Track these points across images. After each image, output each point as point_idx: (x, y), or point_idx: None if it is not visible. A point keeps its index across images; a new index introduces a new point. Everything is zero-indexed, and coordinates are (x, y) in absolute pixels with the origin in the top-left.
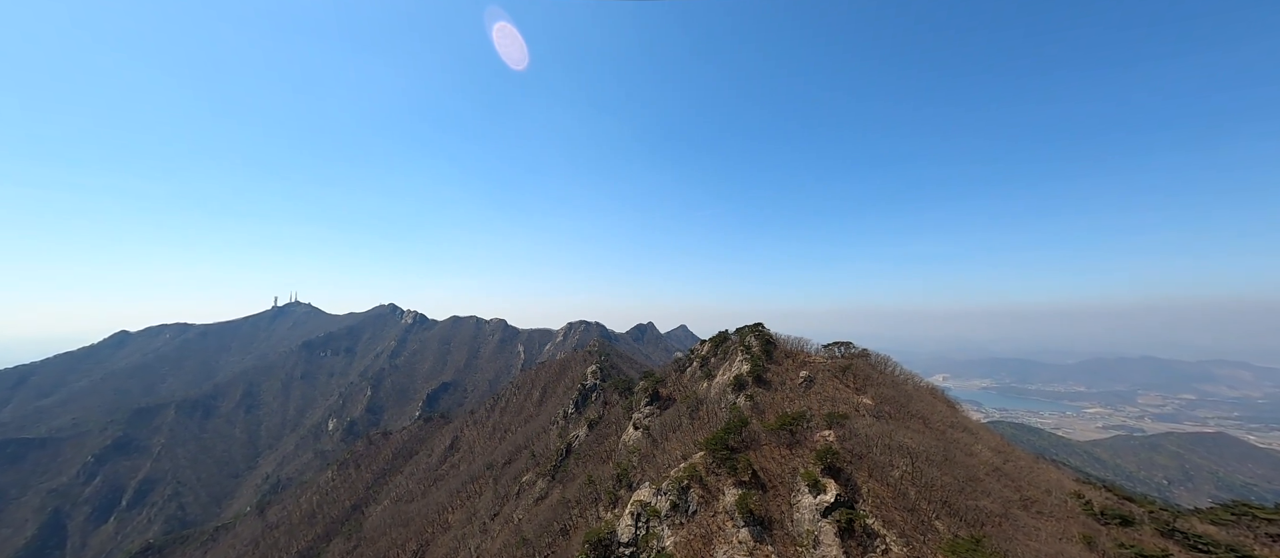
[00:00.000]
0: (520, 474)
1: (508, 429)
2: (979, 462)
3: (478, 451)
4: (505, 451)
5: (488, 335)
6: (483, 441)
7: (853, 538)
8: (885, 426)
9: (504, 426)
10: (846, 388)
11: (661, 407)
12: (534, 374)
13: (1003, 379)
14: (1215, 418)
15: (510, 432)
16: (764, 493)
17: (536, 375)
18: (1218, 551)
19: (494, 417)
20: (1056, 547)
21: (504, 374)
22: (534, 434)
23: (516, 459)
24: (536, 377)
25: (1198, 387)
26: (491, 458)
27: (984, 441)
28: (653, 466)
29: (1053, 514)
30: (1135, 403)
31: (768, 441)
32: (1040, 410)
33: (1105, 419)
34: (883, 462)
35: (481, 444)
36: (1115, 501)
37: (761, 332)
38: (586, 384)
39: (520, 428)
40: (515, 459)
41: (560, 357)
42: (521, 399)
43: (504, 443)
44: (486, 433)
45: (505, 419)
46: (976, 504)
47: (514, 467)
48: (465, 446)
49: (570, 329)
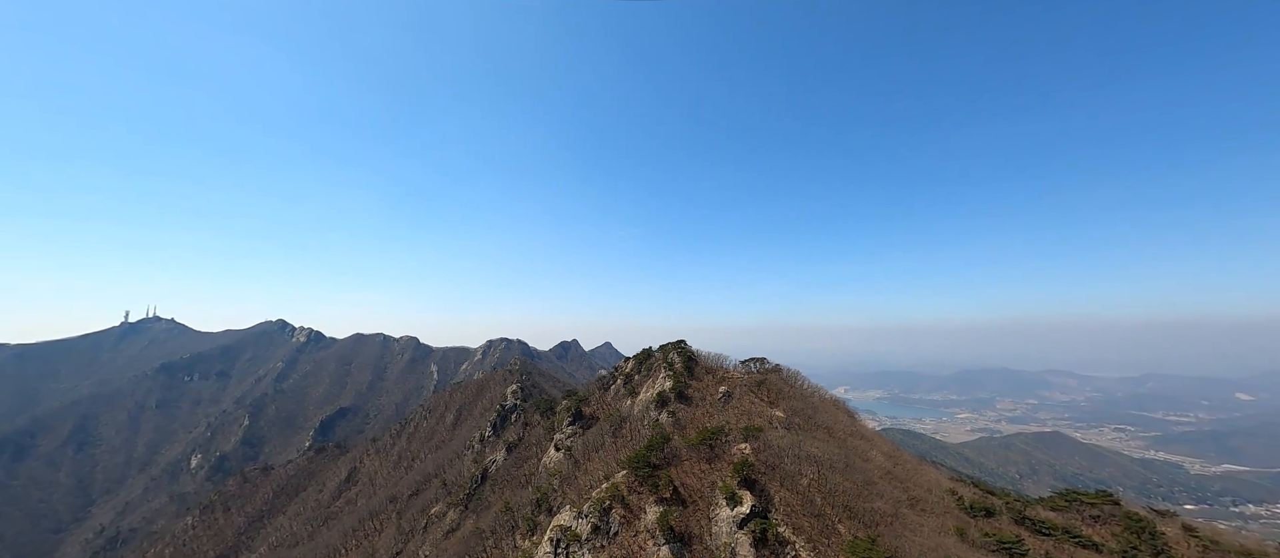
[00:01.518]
0: (429, 506)
1: (416, 457)
2: (874, 467)
3: (380, 482)
4: (412, 481)
5: (396, 355)
6: (386, 471)
7: (766, 547)
8: (795, 436)
9: (412, 453)
10: (761, 402)
11: (585, 426)
12: (448, 396)
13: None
14: (1052, 419)
15: (419, 460)
16: (685, 509)
17: (451, 397)
18: (1056, 533)
19: (400, 444)
20: (936, 540)
21: (414, 397)
22: (446, 461)
23: (425, 490)
24: (451, 398)
25: (1039, 393)
26: (396, 490)
27: (878, 447)
28: (574, 487)
29: (933, 511)
30: (994, 408)
31: (688, 456)
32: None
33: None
34: (793, 471)
35: (385, 475)
36: (980, 495)
37: (684, 349)
38: (506, 405)
39: (430, 455)
40: (424, 490)
41: (478, 377)
42: (433, 423)
43: (411, 473)
44: (391, 462)
45: (413, 446)
46: (872, 506)
47: (422, 498)
48: (365, 477)
49: (490, 347)
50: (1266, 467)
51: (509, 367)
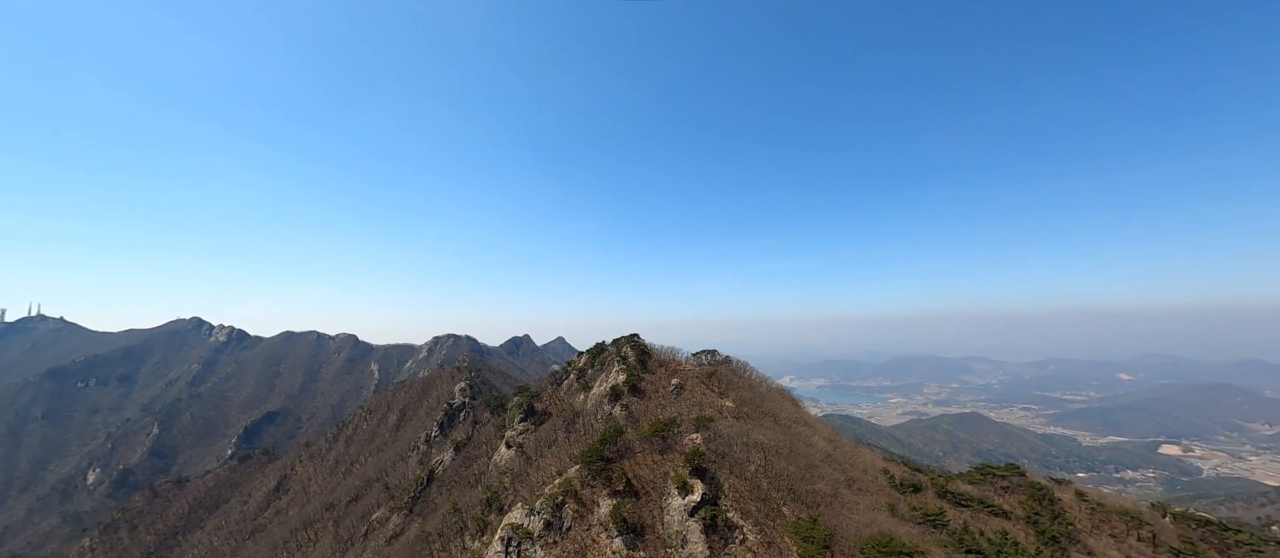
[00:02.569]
0: (369, 512)
1: (355, 461)
2: (816, 451)
3: (314, 490)
4: (351, 486)
5: (332, 354)
6: (321, 477)
7: (716, 533)
8: (744, 425)
9: (350, 457)
10: (712, 392)
11: (537, 422)
12: (391, 396)
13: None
14: (970, 401)
15: (358, 464)
16: (638, 500)
17: (394, 397)
18: (973, 504)
19: (337, 448)
20: (870, 517)
21: (352, 398)
22: (388, 464)
23: (365, 495)
24: (394, 398)
25: (961, 377)
26: (333, 497)
27: (820, 432)
28: (526, 485)
29: (867, 490)
30: (922, 392)
31: (642, 448)
32: (859, 403)
33: (903, 407)
34: (741, 458)
35: (320, 482)
36: (909, 473)
37: (637, 342)
38: (454, 403)
39: (371, 458)
40: (364, 495)
41: (424, 375)
42: (374, 425)
43: (350, 478)
44: (326, 468)
45: (352, 450)
46: (814, 488)
47: (362, 504)
48: (297, 485)
49: (436, 344)
50: (1142, 437)
51: (457, 364)
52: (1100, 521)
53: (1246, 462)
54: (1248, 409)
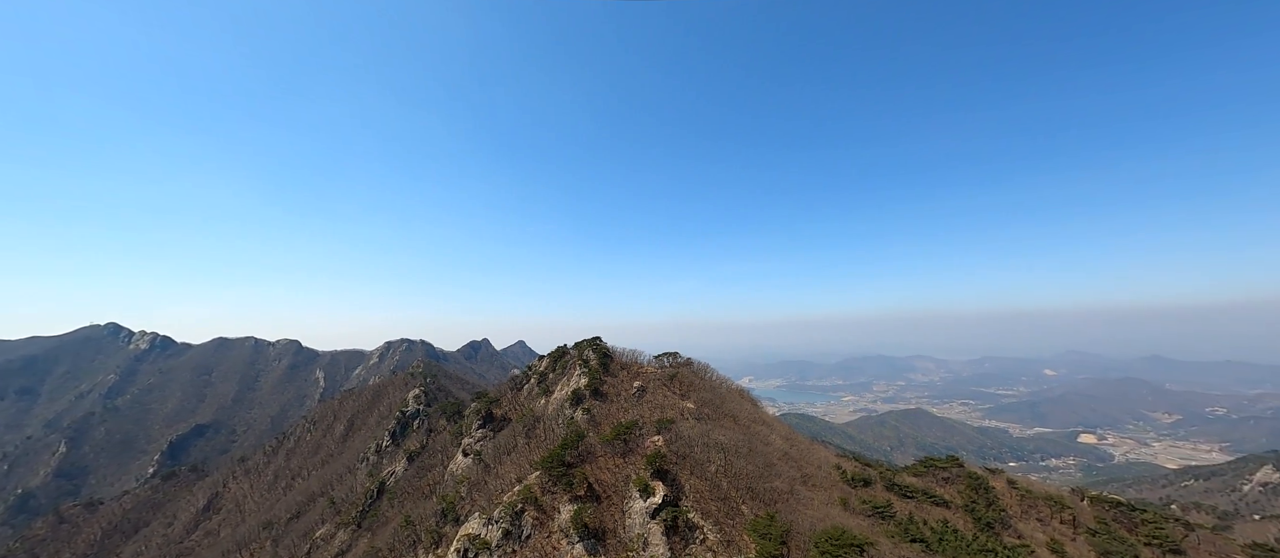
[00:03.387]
0: (313, 528)
1: (297, 475)
2: (773, 449)
3: (250, 508)
4: (293, 502)
5: (272, 361)
6: (259, 494)
7: (677, 534)
8: (704, 426)
9: (292, 471)
10: (673, 394)
11: (496, 428)
12: (337, 404)
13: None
14: (915, 398)
15: (301, 478)
16: (599, 505)
17: (341, 406)
18: (918, 495)
19: (277, 462)
20: (824, 511)
21: (294, 408)
22: (335, 477)
23: (309, 511)
24: (341, 407)
25: (907, 375)
26: (272, 514)
27: (777, 431)
28: (484, 494)
29: (822, 485)
30: (872, 390)
31: (603, 452)
32: (814, 401)
33: (855, 404)
34: (702, 459)
35: (257, 499)
36: (860, 468)
37: (599, 345)
38: (407, 411)
39: (316, 472)
40: (307, 511)
41: (374, 381)
42: (319, 436)
43: (291, 493)
44: (265, 484)
45: (294, 463)
46: (771, 486)
47: (305, 521)
48: (231, 503)
49: (388, 349)
50: (1064, 428)
51: (411, 370)
52: (1028, 506)
53: (1151, 448)
54: (1152, 400)
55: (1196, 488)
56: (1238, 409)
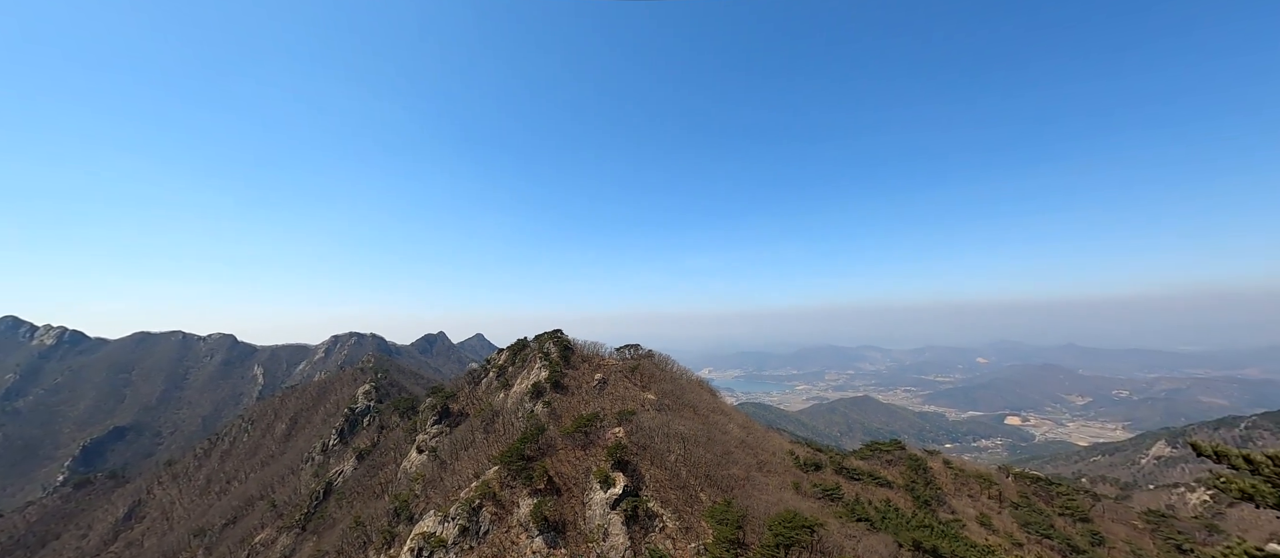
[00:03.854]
0: (252, 534)
1: (233, 479)
2: (731, 438)
3: (179, 515)
4: (228, 507)
5: (202, 357)
6: (189, 500)
7: (637, 523)
8: (665, 417)
9: (227, 474)
10: (635, 386)
11: (453, 424)
12: (278, 402)
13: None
14: (863, 385)
15: (238, 481)
16: (560, 497)
17: (282, 404)
18: (864, 477)
19: (209, 465)
20: (778, 495)
21: (229, 407)
22: (276, 479)
23: (247, 516)
24: (282, 405)
25: (856, 364)
26: (204, 521)
27: (735, 420)
28: (440, 490)
29: (776, 471)
30: (824, 379)
31: (564, 445)
32: (770, 391)
33: (807, 393)
34: (662, 449)
35: (187, 505)
36: (811, 453)
37: (560, 338)
38: (357, 407)
39: (254, 474)
40: (245, 516)
41: (320, 378)
42: (258, 436)
43: (226, 498)
44: (196, 488)
45: (229, 466)
46: (728, 473)
47: (242, 526)
48: (156, 510)
49: (335, 344)
50: (992, 411)
51: (361, 364)
52: (961, 484)
53: (1066, 427)
54: (1067, 385)
55: (1103, 463)
56: (1138, 392)
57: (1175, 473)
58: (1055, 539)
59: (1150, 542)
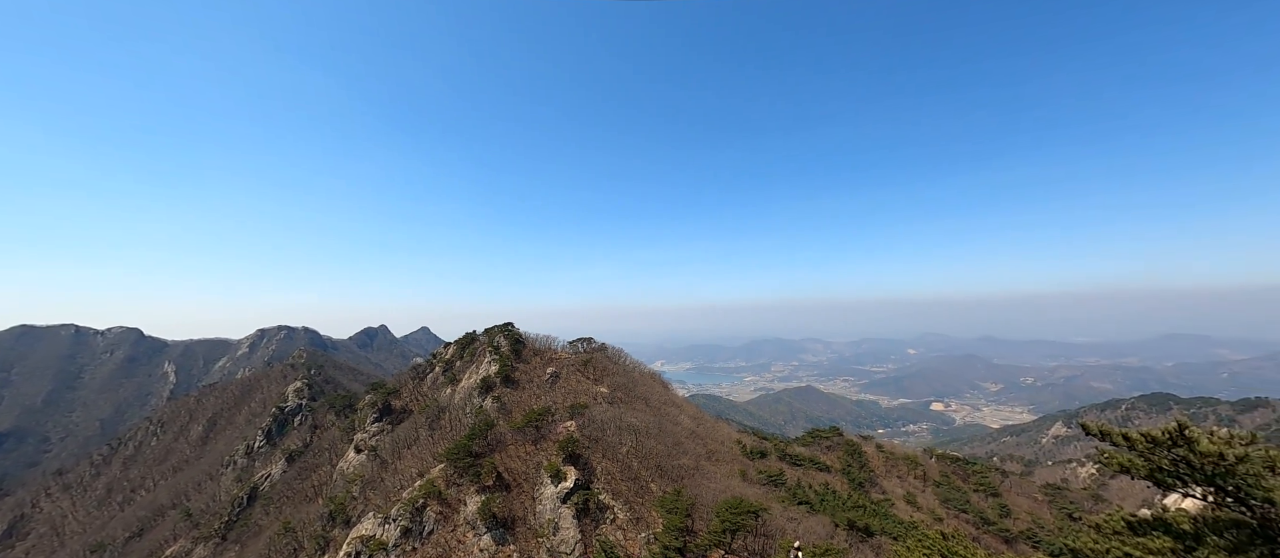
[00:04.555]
0: (161, 547)
1: (139, 487)
2: (682, 429)
3: (71, 529)
4: (133, 518)
5: (100, 353)
6: (85, 512)
7: (588, 516)
8: (617, 409)
9: (131, 483)
10: (587, 379)
11: (395, 421)
12: (194, 402)
13: (699, 361)
14: (806, 376)
15: (144, 489)
16: (509, 493)
17: (199, 404)
18: (805, 463)
19: (109, 472)
20: (725, 483)
21: (134, 408)
22: (191, 486)
23: (155, 527)
24: (199, 405)
25: (800, 356)
26: (104, 534)
27: (686, 411)
28: (380, 492)
29: (724, 460)
30: (770, 370)
31: (514, 440)
32: (720, 382)
33: (755, 384)
34: (614, 442)
35: (82, 518)
36: (757, 442)
37: (511, 331)
38: (286, 406)
39: (165, 481)
40: (153, 527)
41: (244, 375)
42: (169, 440)
43: (131, 508)
44: (93, 499)
45: (134, 473)
46: (679, 463)
47: (150, 539)
48: (44, 525)
49: (262, 338)
50: (920, 398)
51: (292, 360)
52: (891, 466)
53: (981, 412)
54: (984, 373)
55: (1011, 443)
56: (1041, 379)
57: (1070, 450)
58: (970, 513)
59: (1048, 512)
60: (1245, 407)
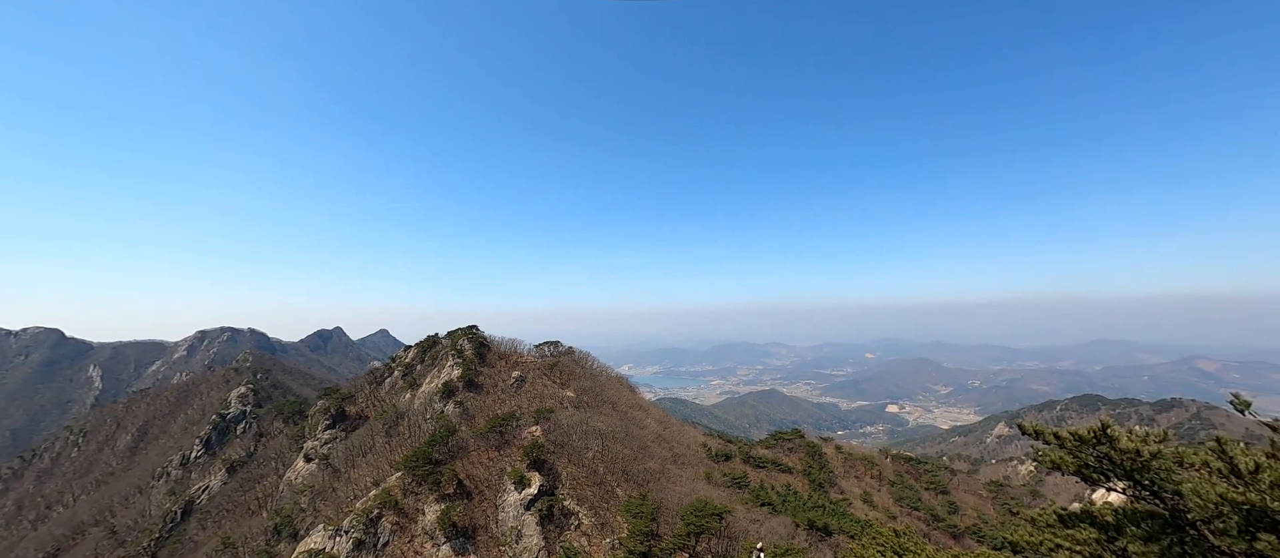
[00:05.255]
0: None
1: (55, 503)
2: (648, 433)
3: None
4: (48, 537)
5: (13, 355)
6: None
7: (553, 522)
8: (583, 414)
9: (47, 498)
10: (554, 384)
11: (349, 428)
12: (122, 410)
13: (666, 364)
14: (770, 380)
15: (62, 505)
16: (471, 501)
17: (128, 411)
18: (768, 465)
19: (20, 488)
20: (691, 486)
21: (53, 416)
22: (117, 500)
23: (74, 546)
24: (128, 413)
25: (764, 360)
26: (13, 556)
27: (652, 415)
28: (332, 502)
29: (690, 463)
30: (736, 374)
31: (477, 446)
32: (686, 386)
33: (721, 387)
34: (579, 446)
35: None
36: (722, 445)
37: (476, 334)
38: (228, 413)
39: (86, 496)
40: (70, 547)
41: (180, 380)
42: (93, 450)
43: (46, 525)
44: (1, 518)
45: (51, 488)
46: (645, 467)
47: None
48: None
49: (203, 340)
50: (876, 400)
51: (235, 364)
52: (849, 466)
53: (933, 413)
54: (936, 376)
55: (959, 442)
56: (987, 381)
57: (1012, 449)
58: (922, 510)
59: (992, 508)
60: (1162, 407)
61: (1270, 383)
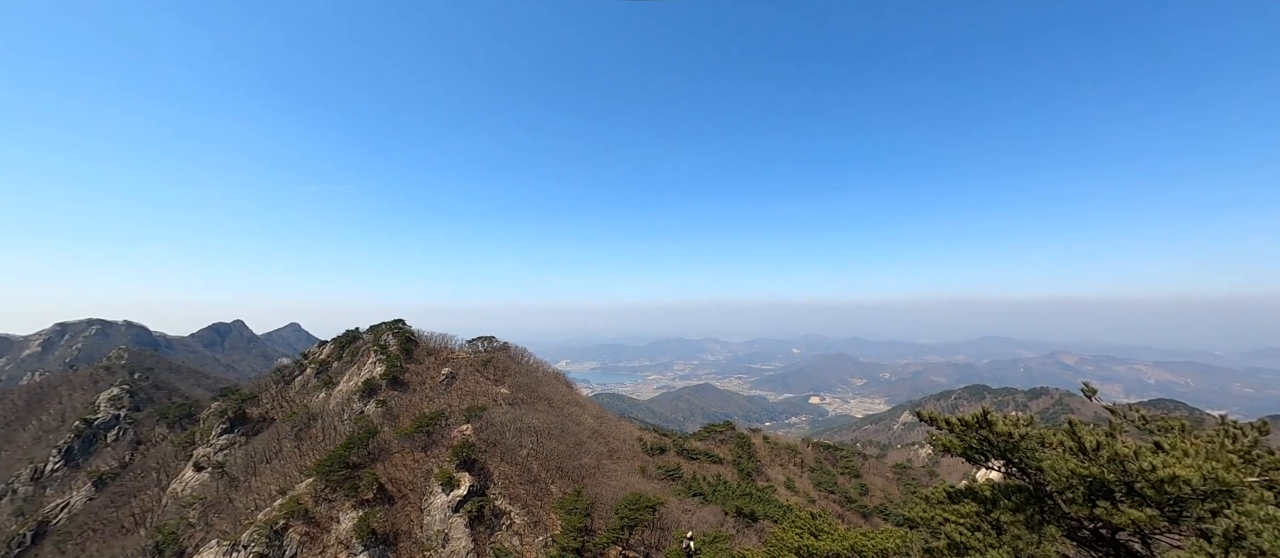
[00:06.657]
0: None
1: None
2: (584, 428)
3: None
4: None
5: None
6: None
7: (482, 524)
8: (518, 411)
9: None
10: (487, 380)
11: (250, 432)
12: None
13: (604, 360)
14: (705, 375)
15: None
16: (392, 506)
17: None
18: (700, 456)
19: None
20: (626, 480)
21: None
22: None
23: None
24: None
25: (700, 355)
26: None
27: (589, 411)
28: (228, 515)
29: (625, 457)
30: (672, 369)
31: (401, 447)
32: (624, 381)
33: (657, 383)
34: (513, 444)
35: None
36: (657, 438)
37: (402, 329)
38: (96, 418)
39: None
40: None
41: (32, 380)
42: None
43: None
44: None
45: None
46: (580, 463)
47: None
48: None
49: (62, 334)
50: (801, 393)
51: (106, 362)
52: (775, 455)
53: (849, 404)
54: (852, 369)
55: (871, 430)
56: (896, 374)
57: (914, 435)
58: (837, 493)
59: (897, 488)
60: (1034, 395)
61: (1114, 374)
